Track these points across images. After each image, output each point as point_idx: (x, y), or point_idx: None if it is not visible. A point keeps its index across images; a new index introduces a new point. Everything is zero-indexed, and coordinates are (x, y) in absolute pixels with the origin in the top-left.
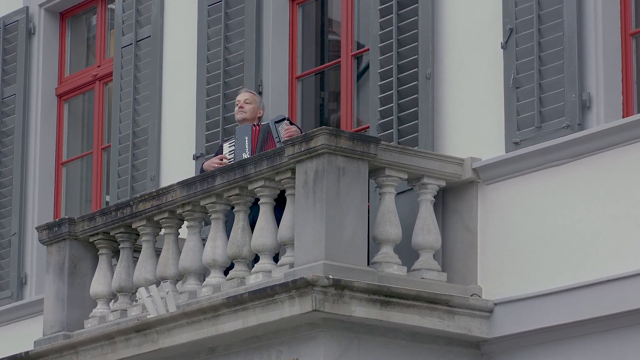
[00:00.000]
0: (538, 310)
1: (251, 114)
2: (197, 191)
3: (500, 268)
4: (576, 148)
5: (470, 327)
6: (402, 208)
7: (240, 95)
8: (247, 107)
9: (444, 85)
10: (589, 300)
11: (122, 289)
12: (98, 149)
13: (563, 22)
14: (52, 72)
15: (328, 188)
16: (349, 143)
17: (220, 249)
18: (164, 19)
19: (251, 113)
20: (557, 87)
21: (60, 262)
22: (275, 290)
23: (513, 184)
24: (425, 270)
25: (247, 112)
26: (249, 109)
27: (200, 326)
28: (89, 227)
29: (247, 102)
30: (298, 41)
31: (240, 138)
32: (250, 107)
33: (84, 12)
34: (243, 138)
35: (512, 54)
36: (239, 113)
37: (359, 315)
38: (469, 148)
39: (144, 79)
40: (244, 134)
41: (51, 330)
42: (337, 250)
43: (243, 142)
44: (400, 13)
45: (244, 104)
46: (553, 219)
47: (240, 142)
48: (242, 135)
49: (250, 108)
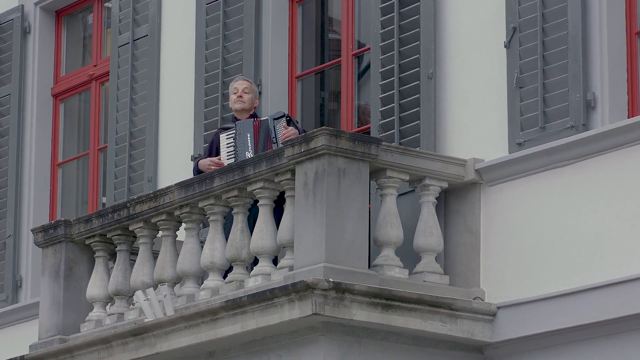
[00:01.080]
0: (542, 313)
1: (249, 104)
2: (195, 193)
3: (504, 271)
4: (581, 149)
5: (473, 330)
6: (404, 210)
7: (237, 83)
8: (245, 96)
9: (446, 85)
10: (594, 303)
11: (119, 292)
12: (94, 149)
13: (567, 20)
14: (47, 72)
15: (328, 189)
16: (349, 144)
17: (219, 251)
18: (161, 17)
19: (249, 103)
20: (561, 87)
21: (56, 265)
22: (275, 293)
23: (516, 185)
24: (427, 273)
25: (246, 102)
26: (247, 98)
27: (198, 330)
28: (85, 229)
29: (246, 91)
30: (298, 40)
31: (242, 135)
32: (248, 96)
33: (80, 10)
34: (245, 135)
35: (515, 53)
36: (237, 102)
37: (360, 319)
38: (471, 149)
39: (141, 78)
40: (246, 130)
41: (47, 334)
42: (337, 253)
43: (245, 139)
44: (402, 11)
45: (243, 94)
46: (557, 221)
47: (242, 139)
48: (243, 131)
49: (249, 98)
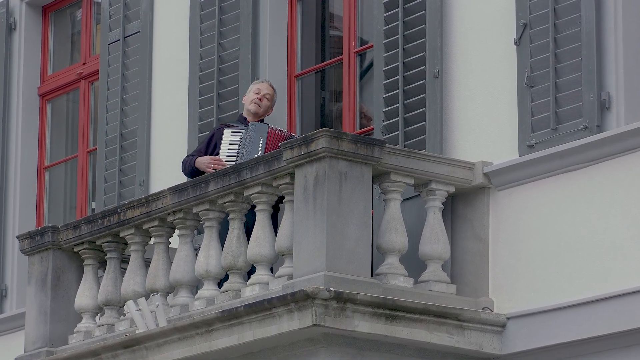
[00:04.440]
0: (554, 325)
1: (264, 111)
2: (189, 197)
3: (514, 280)
4: (594, 152)
5: (481, 342)
6: (409, 215)
7: (262, 85)
8: (264, 102)
9: (453, 85)
10: (608, 314)
11: (109, 302)
12: (83, 152)
13: (580, 16)
14: (34, 70)
15: (329, 194)
16: (351, 146)
17: (214, 259)
18: (153, 13)
19: (265, 110)
20: (574, 87)
21: (42, 274)
22: (273, 303)
23: (527, 189)
24: (433, 282)
25: (262, 108)
26: (265, 105)
27: (192, 342)
28: (73, 236)
29: (267, 97)
30: (297, 37)
31: (254, 137)
32: (267, 104)
33: (68, 6)
34: (257, 137)
35: (526, 51)
36: (254, 104)
37: (363, 330)
38: (479, 151)
39: (133, 77)
40: (260, 133)
41: (33, 346)
42: (339, 261)
43: (256, 141)
44: (407, 7)
45: (264, 98)
46: (570, 227)
47: (254, 141)
48: (257, 133)
49: (267, 105)
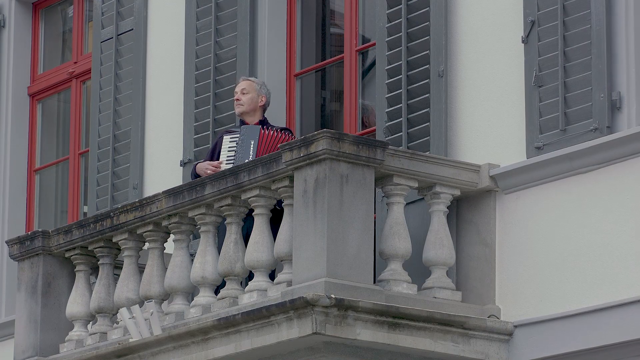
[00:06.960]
0: (563, 333)
1: (250, 106)
2: (184, 201)
3: (521, 286)
4: (605, 153)
5: (487, 351)
6: (412, 220)
7: (237, 85)
8: (244, 98)
9: (458, 84)
10: (619, 322)
11: (102, 310)
12: (75, 154)
13: (590, 13)
14: (23, 69)
15: (330, 198)
16: (353, 148)
17: (211, 265)
18: (148, 10)
19: (250, 104)
20: (583, 86)
21: (32, 280)
22: (272, 311)
23: (535, 193)
24: (437, 289)
25: (244, 105)
26: (246, 100)
27: (188, 350)
28: (64, 241)
29: (244, 92)
30: (297, 35)
31: (245, 141)
32: (247, 97)
33: (60, 2)
34: (248, 141)
35: (534, 49)
36: (237, 107)
37: (365, 338)
38: (486, 153)
39: (126, 76)
40: (250, 136)
41: (23, 355)
42: (340, 267)
43: (247, 145)
44: (410, 4)
45: (241, 95)
46: (579, 232)
47: (245, 145)
48: (247, 137)
49: (248, 98)
